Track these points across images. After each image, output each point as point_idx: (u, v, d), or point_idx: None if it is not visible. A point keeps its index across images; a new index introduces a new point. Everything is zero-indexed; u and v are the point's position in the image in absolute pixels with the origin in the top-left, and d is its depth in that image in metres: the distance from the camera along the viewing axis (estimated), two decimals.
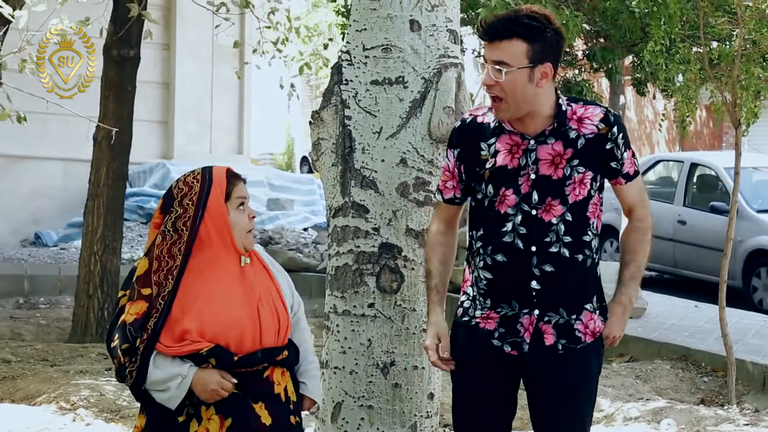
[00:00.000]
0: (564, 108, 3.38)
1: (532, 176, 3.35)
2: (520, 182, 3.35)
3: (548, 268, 3.34)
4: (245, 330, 3.25)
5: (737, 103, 6.95)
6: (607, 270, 5.18)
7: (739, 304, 10.76)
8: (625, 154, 3.40)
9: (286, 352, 3.35)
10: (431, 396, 4.09)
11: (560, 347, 3.37)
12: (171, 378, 3.20)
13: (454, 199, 3.53)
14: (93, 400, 6.19)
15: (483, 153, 3.42)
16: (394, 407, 4.00)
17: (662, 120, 8.94)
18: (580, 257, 3.37)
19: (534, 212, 3.34)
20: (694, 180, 12.93)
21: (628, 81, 11.89)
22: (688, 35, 7.26)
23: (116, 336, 3.26)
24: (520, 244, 3.35)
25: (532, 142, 3.36)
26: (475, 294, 3.47)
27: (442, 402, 4.29)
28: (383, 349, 4.00)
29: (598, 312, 3.43)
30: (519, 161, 3.36)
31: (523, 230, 3.35)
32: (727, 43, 7.27)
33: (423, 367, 4.04)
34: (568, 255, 3.35)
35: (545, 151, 3.35)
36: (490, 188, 3.40)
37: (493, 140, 3.41)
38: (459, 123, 3.53)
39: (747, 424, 6.28)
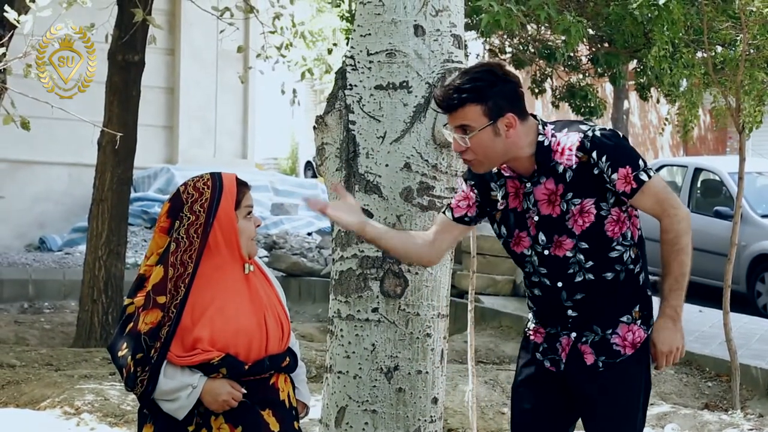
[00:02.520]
0: (547, 142, 3.35)
1: (535, 218, 3.38)
2: (528, 225, 3.40)
3: (579, 296, 3.39)
4: (253, 338, 3.25)
5: (741, 108, 6.95)
6: None
7: (743, 309, 10.76)
8: (614, 176, 3.29)
9: (288, 359, 3.37)
10: (435, 400, 4.09)
11: (601, 365, 3.40)
12: (181, 388, 3.19)
13: (464, 218, 3.54)
14: (97, 405, 6.20)
15: (493, 193, 3.47)
16: (398, 412, 4.00)
17: (665, 125, 8.93)
18: (610, 275, 3.36)
19: (546, 252, 3.39)
20: (698, 185, 12.93)
21: (632, 86, 11.89)
22: (692, 40, 7.26)
23: (124, 345, 3.24)
24: (547, 282, 3.42)
25: (528, 184, 3.39)
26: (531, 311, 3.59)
27: (445, 407, 4.29)
28: (387, 353, 4.00)
29: (639, 322, 3.41)
30: (523, 205, 3.40)
31: (544, 270, 3.41)
32: (731, 48, 7.26)
33: (427, 372, 4.05)
34: (593, 278, 3.36)
35: (540, 192, 3.37)
36: (503, 229, 3.48)
37: (502, 182, 3.45)
38: None
39: (751, 429, 6.28)
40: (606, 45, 8.91)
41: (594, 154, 3.29)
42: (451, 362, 7.72)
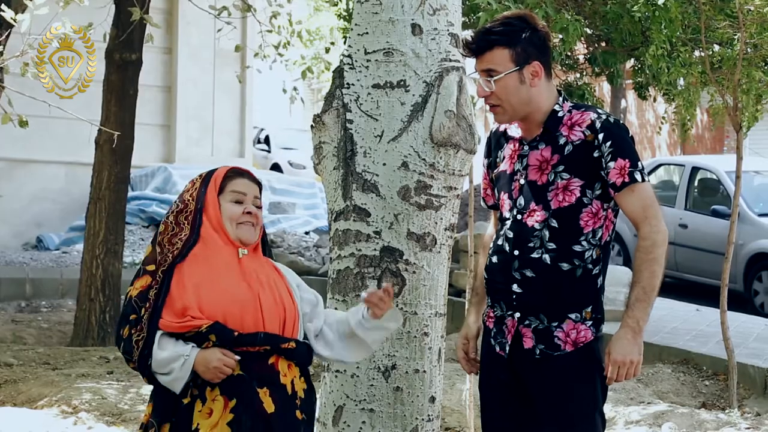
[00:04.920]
0: (561, 114, 3.39)
1: (521, 181, 3.41)
2: (512, 187, 3.42)
3: (529, 273, 3.38)
4: (245, 310, 3.28)
5: (738, 107, 6.95)
6: (612, 274, 5.08)
7: (740, 308, 10.77)
8: (611, 164, 3.30)
9: (293, 343, 3.35)
10: (433, 399, 4.09)
11: (537, 352, 3.39)
12: (174, 358, 3.21)
13: (496, 205, 3.63)
14: (95, 404, 6.20)
15: (498, 160, 3.55)
16: (396, 411, 4.00)
17: (662, 123, 8.94)
18: (566, 266, 3.36)
19: (519, 217, 3.41)
20: (696, 183, 12.94)
21: (629, 85, 11.89)
22: (690, 39, 7.26)
23: (125, 325, 3.30)
24: (507, 247, 3.43)
25: (526, 147, 3.41)
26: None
27: (443, 405, 4.30)
28: (384, 352, 4.00)
29: (590, 323, 3.39)
30: (514, 166, 3.42)
31: (510, 234, 3.42)
32: (729, 46, 7.26)
33: (424, 371, 4.05)
34: (549, 262, 3.35)
35: (534, 157, 3.40)
36: (497, 192, 3.55)
37: (504, 146, 3.50)
38: (488, 134, 3.66)
39: (748, 428, 6.28)
40: (603, 44, 8.90)
41: (601, 136, 3.32)
42: (449, 361, 7.72)
